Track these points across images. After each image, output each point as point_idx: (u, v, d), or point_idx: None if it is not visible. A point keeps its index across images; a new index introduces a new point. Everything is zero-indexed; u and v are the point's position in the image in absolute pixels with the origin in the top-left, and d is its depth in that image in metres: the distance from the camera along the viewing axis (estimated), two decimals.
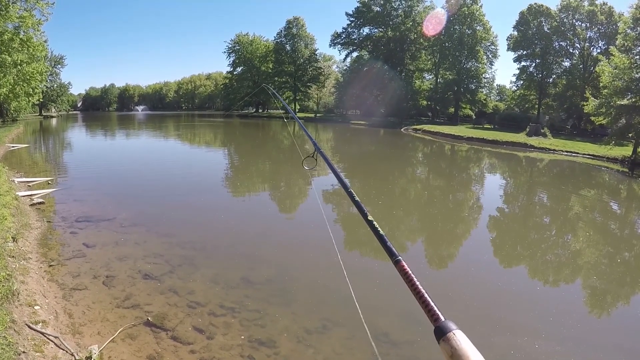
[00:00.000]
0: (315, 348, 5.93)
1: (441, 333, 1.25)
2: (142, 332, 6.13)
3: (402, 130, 60.92)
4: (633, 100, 29.84)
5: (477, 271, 9.64)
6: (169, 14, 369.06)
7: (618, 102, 30.14)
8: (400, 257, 1.57)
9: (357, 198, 2.07)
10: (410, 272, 1.49)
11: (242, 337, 6.12)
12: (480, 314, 7.35)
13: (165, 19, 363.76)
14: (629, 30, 31.77)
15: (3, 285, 6.03)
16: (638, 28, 31.13)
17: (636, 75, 30.21)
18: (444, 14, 73.15)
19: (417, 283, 1.44)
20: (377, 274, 8.74)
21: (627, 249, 12.20)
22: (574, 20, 60.43)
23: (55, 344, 5.39)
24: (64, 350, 5.31)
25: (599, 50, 57.60)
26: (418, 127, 60.16)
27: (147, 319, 6.44)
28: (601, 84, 33.42)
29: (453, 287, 8.60)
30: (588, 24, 59.19)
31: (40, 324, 5.72)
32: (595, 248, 12.04)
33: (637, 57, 31.00)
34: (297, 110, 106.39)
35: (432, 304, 1.36)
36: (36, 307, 6.18)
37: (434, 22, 72.71)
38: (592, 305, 8.10)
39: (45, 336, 5.45)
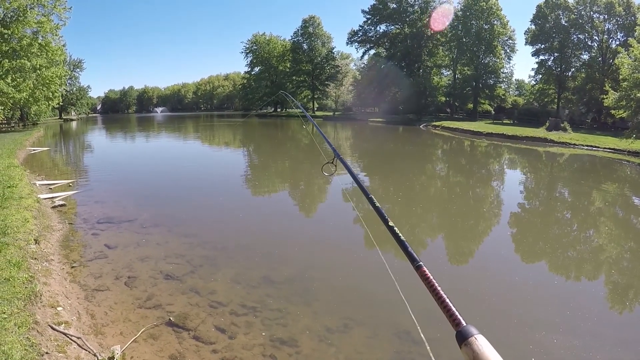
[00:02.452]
0: (337, 347, 5.88)
1: (463, 338, 1.25)
2: (164, 332, 6.14)
3: (421, 127, 60.64)
4: None
5: (496, 266, 9.57)
6: (186, 15, 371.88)
7: (638, 95, 29.54)
8: (421, 263, 1.57)
9: (377, 204, 2.09)
10: (431, 277, 1.49)
11: (264, 336, 6.11)
12: (499, 309, 7.30)
13: (183, 21, 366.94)
14: None
15: (26, 287, 6.09)
16: None
17: None
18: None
19: (439, 288, 1.45)
20: (397, 272, 8.67)
21: None
22: (592, 13, 59.51)
23: (77, 344, 5.41)
24: (86, 350, 5.34)
25: (618, 43, 56.61)
26: (437, 123, 59.79)
27: (169, 319, 6.46)
28: (621, 77, 32.77)
29: (472, 282, 8.53)
30: (606, 16, 58.24)
31: (63, 324, 5.75)
32: (617, 243, 11.81)
33: None
34: (315, 108, 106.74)
35: (454, 309, 1.36)
36: (59, 308, 6.22)
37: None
38: (611, 300, 7.96)
39: (68, 337, 5.48)
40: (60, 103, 64.41)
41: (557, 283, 8.69)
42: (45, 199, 13.54)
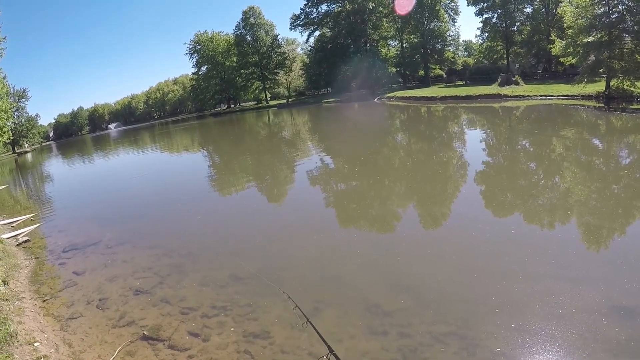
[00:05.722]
0: (309, 331, 6.00)
1: None
2: (140, 347, 6.26)
3: (375, 100, 60.89)
4: (599, 36, 30.30)
5: (454, 224, 10.01)
6: (124, 24, 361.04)
7: (584, 40, 30.66)
8: None
9: None
10: None
11: (237, 333, 6.29)
12: (460, 265, 7.63)
13: (122, 31, 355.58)
14: None
15: (0, 329, 6.12)
16: None
17: (598, 12, 30.52)
18: None
19: None
20: (363, 249, 8.88)
21: (602, 182, 12.49)
22: None
23: None
24: None
25: None
26: (391, 94, 60.36)
27: (143, 333, 6.58)
28: (565, 25, 33.93)
29: (432, 243, 8.95)
30: None
31: (42, 359, 5.82)
32: (573, 186, 12.28)
33: None
34: (268, 98, 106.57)
35: None
36: (36, 344, 6.27)
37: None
38: (566, 243, 8.25)
39: None
40: (11, 137, 62.12)
41: (514, 232, 9.04)
42: (8, 238, 13.37)
